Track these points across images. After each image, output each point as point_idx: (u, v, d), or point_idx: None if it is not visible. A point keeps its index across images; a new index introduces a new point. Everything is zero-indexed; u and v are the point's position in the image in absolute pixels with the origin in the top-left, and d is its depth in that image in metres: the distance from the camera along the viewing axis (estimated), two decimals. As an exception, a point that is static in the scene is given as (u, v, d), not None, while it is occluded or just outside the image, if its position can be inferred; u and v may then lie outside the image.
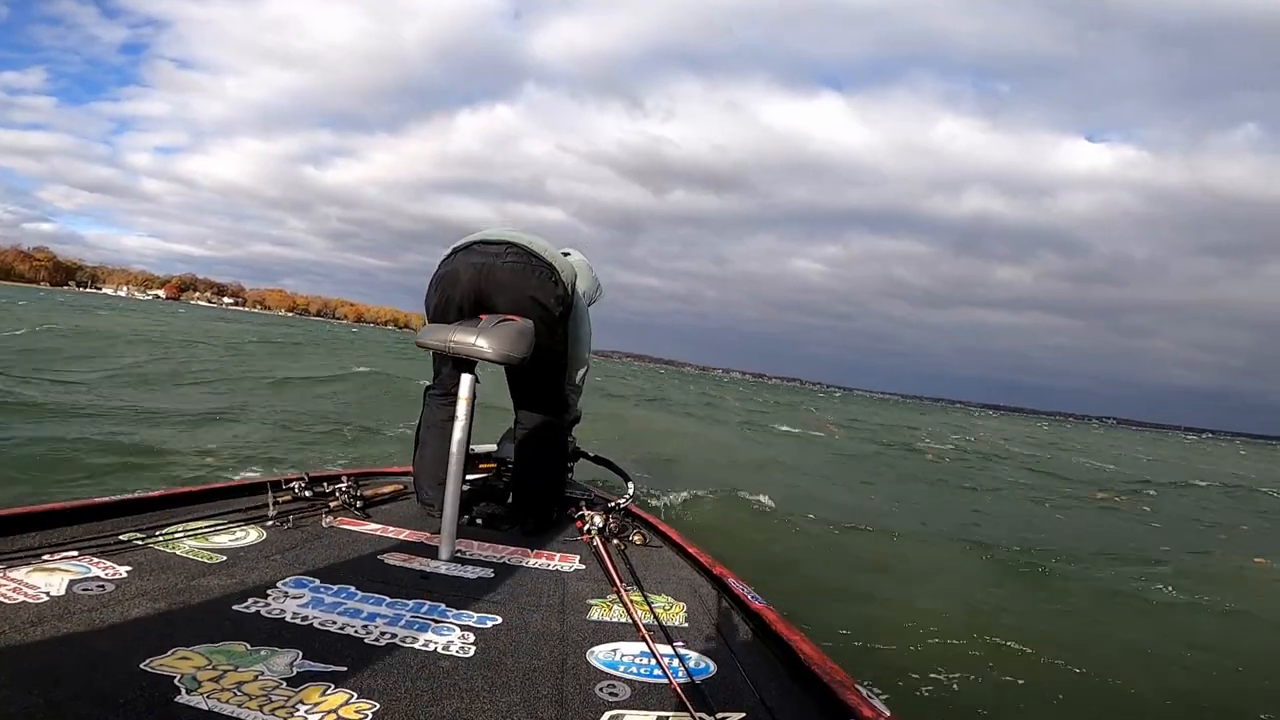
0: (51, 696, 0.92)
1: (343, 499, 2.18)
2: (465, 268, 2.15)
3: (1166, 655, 3.28)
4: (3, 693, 0.92)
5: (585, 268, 2.58)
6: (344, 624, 1.32)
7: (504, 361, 1.89)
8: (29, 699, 0.91)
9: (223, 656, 1.11)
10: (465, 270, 2.15)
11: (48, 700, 0.91)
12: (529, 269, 2.15)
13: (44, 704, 0.90)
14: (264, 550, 1.69)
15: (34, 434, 4.99)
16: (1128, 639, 3.45)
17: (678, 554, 2.10)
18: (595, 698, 1.14)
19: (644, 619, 1.49)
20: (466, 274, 2.14)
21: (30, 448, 4.61)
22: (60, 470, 4.23)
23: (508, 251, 2.16)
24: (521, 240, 2.19)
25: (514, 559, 1.92)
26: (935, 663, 2.85)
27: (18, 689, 0.93)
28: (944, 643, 3.08)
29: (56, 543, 1.48)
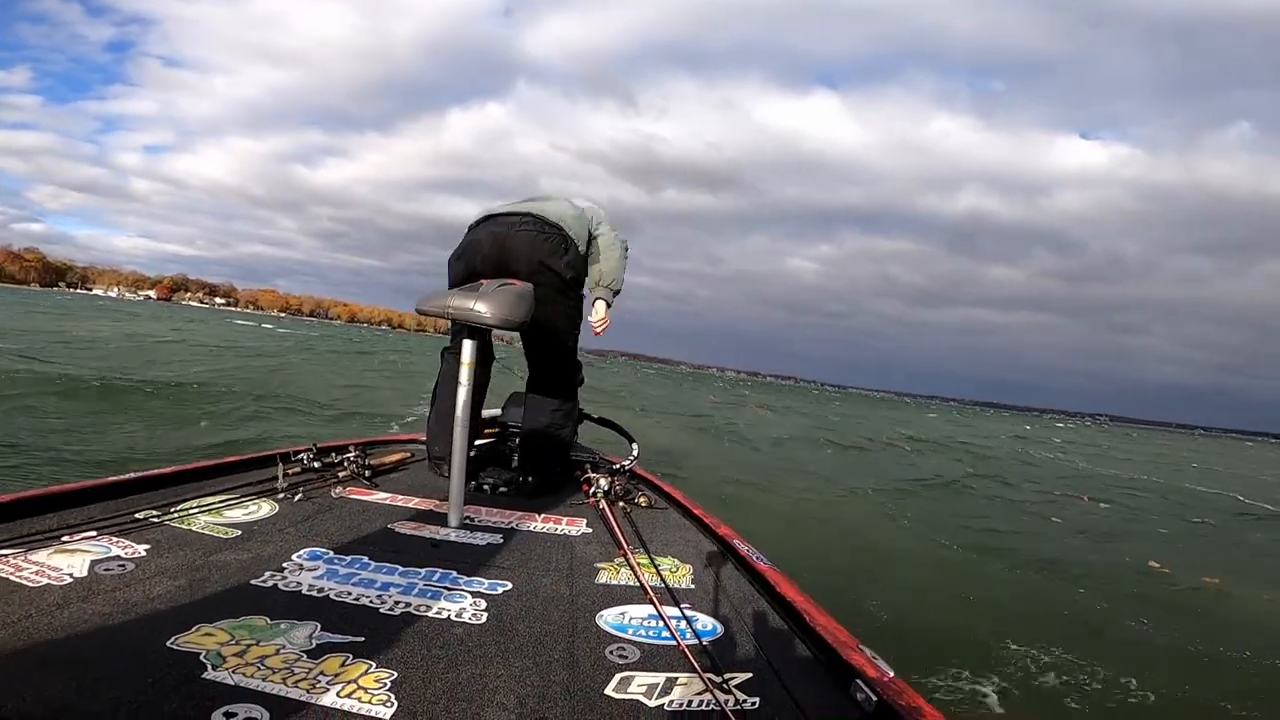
0: (83, 679, 0.94)
1: (351, 469, 2.20)
2: (486, 236, 2.29)
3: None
4: (34, 677, 0.93)
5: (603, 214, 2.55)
6: (359, 594, 1.34)
7: (502, 325, 1.91)
8: (61, 682, 0.93)
9: (245, 631, 1.13)
10: (486, 239, 2.28)
11: (79, 683, 0.93)
12: (541, 236, 2.26)
13: (76, 687, 0.92)
14: (277, 523, 1.71)
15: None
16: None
17: (683, 516, 2.13)
18: (605, 660, 1.17)
19: (651, 582, 1.52)
20: (487, 242, 2.27)
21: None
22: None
23: (522, 221, 2.27)
24: (535, 210, 2.30)
25: (522, 524, 1.95)
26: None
27: (49, 673, 0.95)
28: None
29: (74, 524, 1.49)
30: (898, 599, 3.71)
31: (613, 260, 2.39)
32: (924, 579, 4.28)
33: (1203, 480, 14.04)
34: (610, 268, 2.38)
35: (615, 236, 2.43)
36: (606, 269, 2.38)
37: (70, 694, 0.90)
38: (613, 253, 2.39)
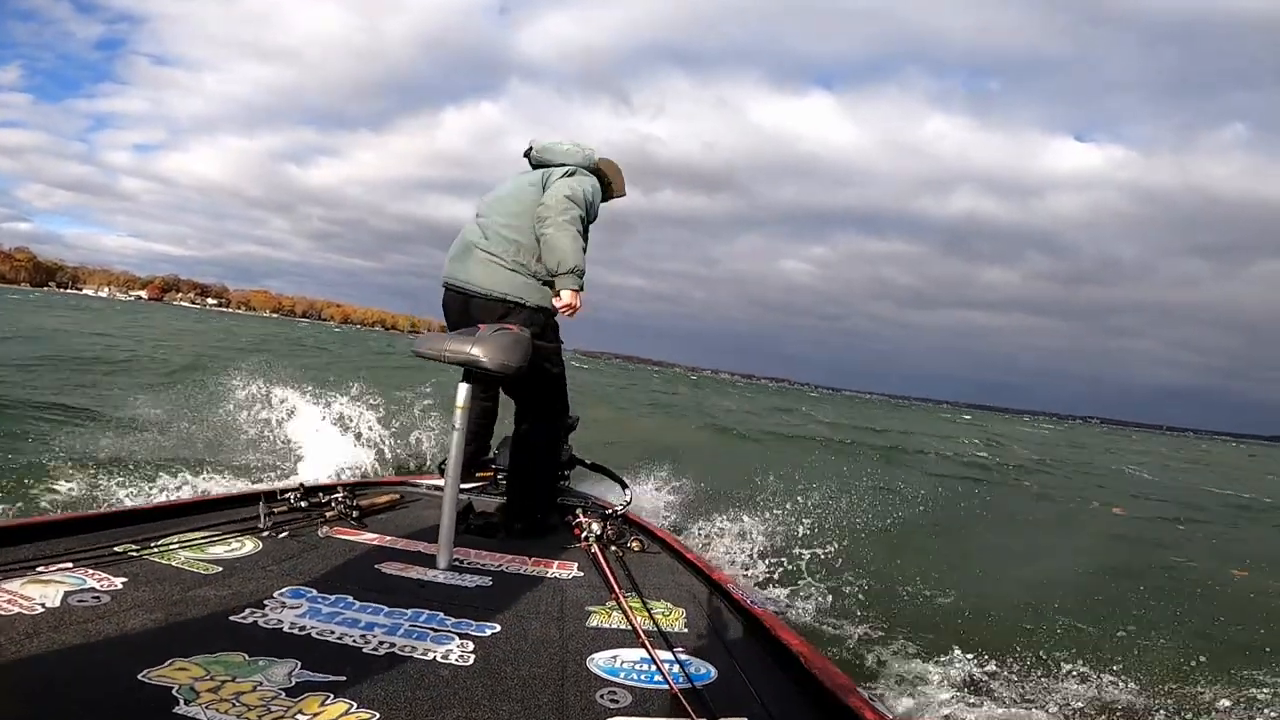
0: (49, 709, 0.91)
1: (339, 509, 2.17)
2: (452, 299, 2.39)
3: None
4: (1, 705, 0.91)
5: (565, 193, 2.32)
6: (342, 634, 1.32)
7: (500, 371, 1.90)
8: (27, 711, 0.90)
9: (221, 667, 1.11)
10: (454, 302, 2.39)
11: (46, 713, 0.90)
12: (500, 312, 2.27)
13: (42, 717, 0.89)
14: (260, 561, 1.69)
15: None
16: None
17: (675, 560, 2.11)
18: (596, 704, 1.14)
19: (643, 625, 1.50)
20: (455, 306, 2.38)
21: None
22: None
23: (468, 300, 2.32)
24: (474, 286, 2.31)
25: (512, 567, 1.93)
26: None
27: (15, 702, 0.93)
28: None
29: (50, 554, 1.47)
30: None
31: (549, 240, 2.22)
32: None
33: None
34: (549, 250, 2.23)
35: (558, 204, 2.23)
36: (546, 254, 2.24)
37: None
38: (558, 240, 2.21)
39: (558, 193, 2.26)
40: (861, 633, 3.12)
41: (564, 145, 2.50)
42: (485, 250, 2.30)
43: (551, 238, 2.22)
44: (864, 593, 3.20)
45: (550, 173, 2.38)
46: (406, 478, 2.90)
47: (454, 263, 2.36)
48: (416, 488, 2.67)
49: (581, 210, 2.28)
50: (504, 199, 2.39)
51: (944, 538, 5.38)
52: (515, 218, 2.31)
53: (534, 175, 2.43)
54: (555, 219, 2.22)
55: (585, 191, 2.33)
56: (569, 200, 2.25)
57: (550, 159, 2.48)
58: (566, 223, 2.22)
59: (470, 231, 2.38)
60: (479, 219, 2.40)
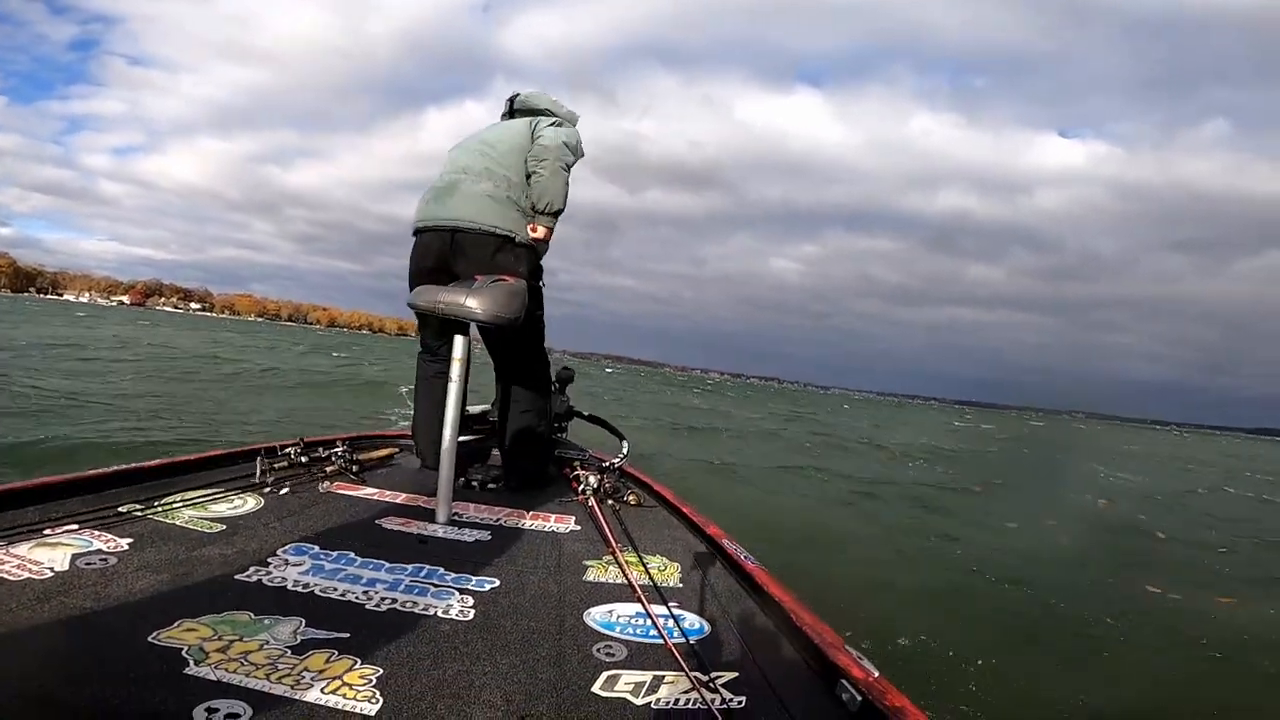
0: (64, 673, 0.93)
1: (338, 464, 2.18)
2: (432, 240, 2.28)
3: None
4: (15, 671, 0.92)
5: (562, 139, 2.37)
6: (345, 590, 1.33)
7: (494, 323, 1.89)
8: (42, 676, 0.92)
9: (228, 626, 1.12)
10: (434, 243, 2.28)
11: (61, 677, 0.92)
12: (493, 247, 2.23)
13: (57, 681, 0.91)
14: (262, 518, 1.69)
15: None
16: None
17: (672, 514, 2.13)
18: (593, 658, 1.17)
19: (639, 580, 1.52)
20: (436, 246, 2.27)
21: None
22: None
23: (455, 234, 2.24)
24: (462, 220, 2.24)
25: (510, 521, 1.94)
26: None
27: (30, 666, 0.94)
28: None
29: (56, 516, 1.47)
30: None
31: (543, 181, 2.27)
32: None
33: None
34: (542, 190, 2.27)
35: (557, 148, 2.29)
36: (537, 191, 2.28)
37: (51, 688, 0.90)
38: (553, 182, 2.27)
39: (556, 138, 2.31)
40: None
41: (550, 96, 2.56)
42: (474, 186, 2.28)
43: (547, 179, 2.27)
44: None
45: (537, 120, 2.41)
46: (405, 431, 2.87)
47: (434, 204, 2.32)
48: (415, 441, 2.67)
49: (574, 158, 2.35)
50: (490, 140, 2.39)
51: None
52: (504, 156, 2.32)
53: (519, 121, 2.44)
54: (552, 163, 2.27)
55: (578, 142, 2.40)
56: (565, 147, 2.31)
57: (535, 106, 2.52)
58: (561, 168, 2.29)
59: (452, 172, 2.35)
60: (459, 160, 2.37)
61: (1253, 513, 9.69)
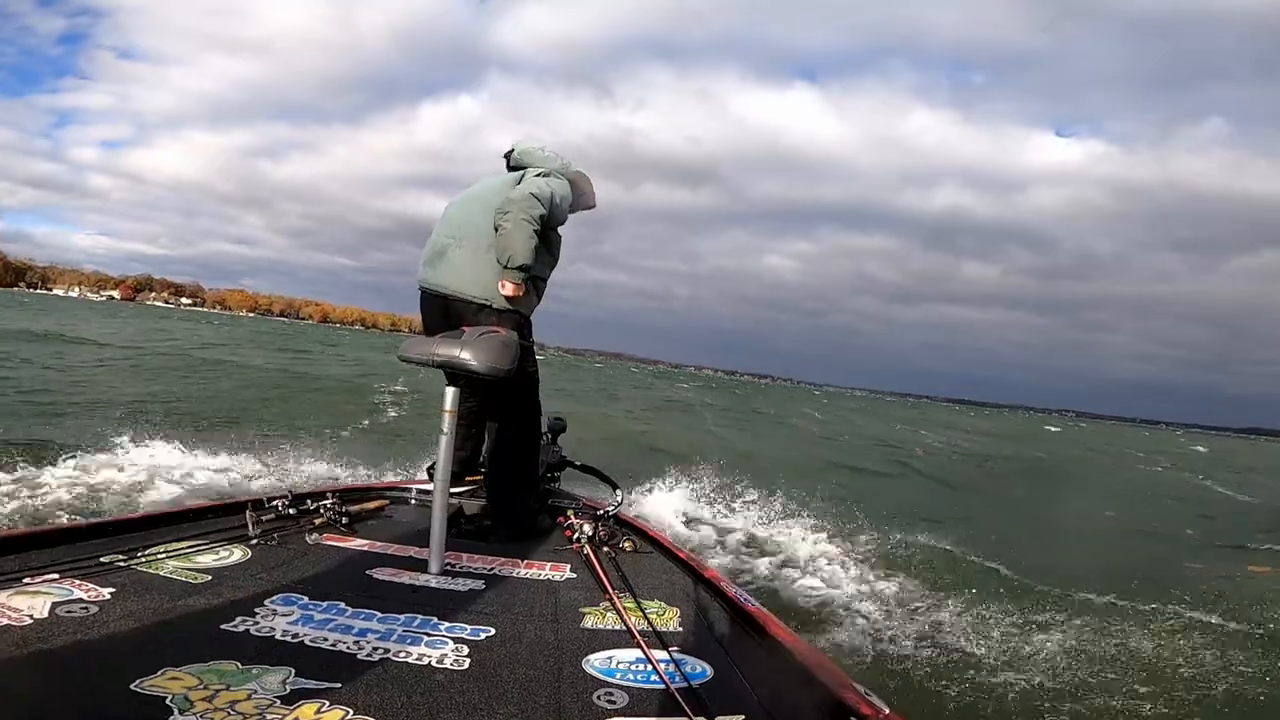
0: (43, 718, 0.90)
1: (328, 515, 2.15)
2: (430, 302, 2.42)
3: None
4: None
5: (532, 190, 2.33)
6: (335, 640, 1.31)
7: (490, 375, 1.89)
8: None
9: (214, 675, 1.10)
10: (432, 305, 2.41)
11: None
12: (473, 312, 2.29)
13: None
14: (249, 569, 1.67)
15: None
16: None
17: (668, 559, 2.12)
18: (593, 706, 1.15)
19: (638, 625, 1.50)
20: (434, 309, 2.40)
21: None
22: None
23: (448, 302, 2.34)
24: (448, 289, 2.33)
25: (504, 570, 1.92)
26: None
27: (8, 713, 0.92)
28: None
29: (36, 566, 1.45)
30: None
31: (504, 236, 2.24)
32: None
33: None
34: (503, 246, 2.24)
35: (522, 199, 2.25)
36: (500, 247, 2.25)
37: None
38: (512, 236, 2.23)
39: (524, 189, 2.29)
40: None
41: (544, 151, 2.52)
42: (457, 252, 2.33)
43: (507, 233, 2.24)
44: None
45: (525, 173, 2.41)
46: (395, 483, 2.88)
47: (428, 267, 2.39)
48: (406, 493, 2.65)
49: (544, 210, 2.28)
50: (475, 199, 2.42)
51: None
52: (485, 215, 2.32)
53: (509, 176, 2.46)
54: (515, 215, 2.23)
55: (554, 192, 2.34)
56: (533, 198, 2.26)
57: (528, 162, 2.50)
58: (524, 221, 2.23)
59: (442, 233, 2.40)
60: (450, 220, 2.42)
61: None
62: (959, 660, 3.01)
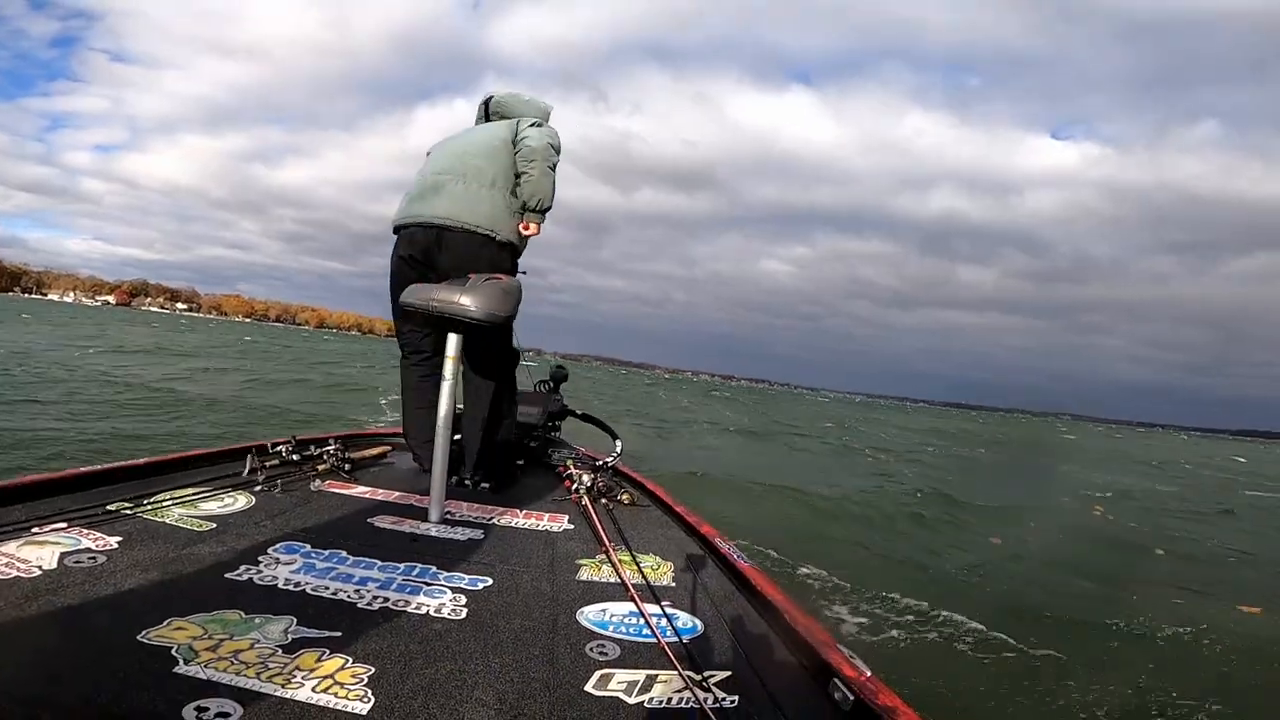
0: (53, 671, 0.92)
1: (330, 462, 2.17)
2: (418, 236, 2.31)
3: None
4: (3, 669, 0.92)
5: (547, 140, 2.43)
6: (336, 589, 1.32)
7: (489, 321, 1.89)
8: (31, 675, 0.91)
9: (218, 625, 1.11)
10: (419, 239, 2.30)
11: (49, 675, 0.91)
12: (476, 244, 2.27)
13: (45, 679, 0.90)
14: (253, 516, 1.68)
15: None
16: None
17: (665, 514, 2.14)
18: (586, 657, 1.17)
19: (632, 579, 1.52)
20: (421, 242, 2.30)
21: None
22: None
23: (442, 233, 2.28)
24: (463, 221, 2.28)
25: (503, 520, 1.94)
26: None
27: (19, 665, 0.93)
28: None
29: (44, 515, 1.46)
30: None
31: (534, 181, 2.34)
32: None
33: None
34: (534, 189, 2.34)
35: (543, 148, 2.36)
36: (528, 191, 2.34)
37: (40, 686, 0.89)
38: (543, 182, 2.34)
39: (542, 138, 2.38)
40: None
41: (524, 96, 2.62)
42: (457, 186, 2.34)
43: (538, 179, 2.34)
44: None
45: (518, 121, 2.48)
46: (397, 429, 2.84)
47: (418, 202, 2.36)
48: (409, 444, 2.65)
49: (558, 157, 2.43)
50: (472, 142, 2.45)
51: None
52: (485, 157, 2.37)
53: (501, 123, 2.50)
54: (540, 163, 2.35)
55: (558, 141, 2.47)
56: (551, 148, 2.39)
57: (511, 108, 2.58)
58: (550, 168, 2.37)
59: (435, 172, 2.39)
60: (444, 160, 2.42)
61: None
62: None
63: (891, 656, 3.15)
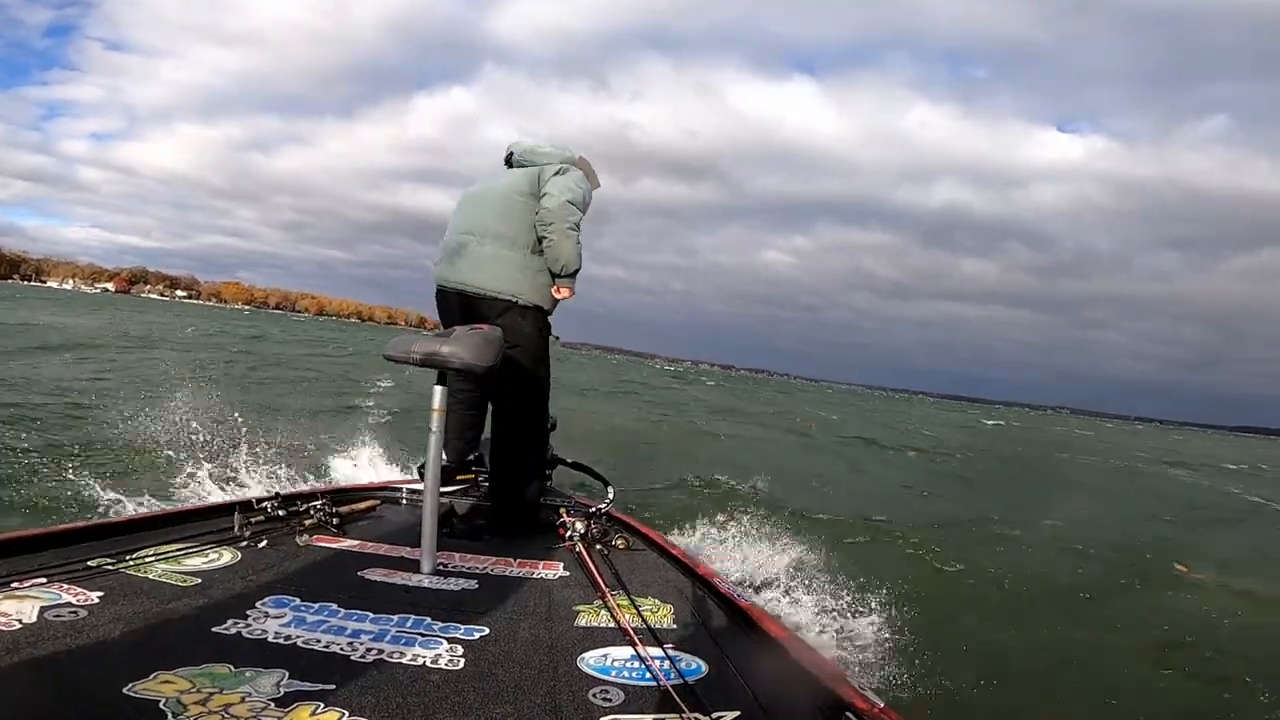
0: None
1: (317, 516, 2.14)
2: (451, 300, 2.40)
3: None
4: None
5: (566, 198, 2.36)
6: (329, 642, 1.30)
7: (470, 370, 1.89)
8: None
9: (206, 679, 1.09)
10: (453, 303, 2.39)
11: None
12: (499, 309, 2.30)
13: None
14: (239, 571, 1.66)
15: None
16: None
17: (661, 556, 2.12)
18: (589, 704, 1.15)
19: (632, 623, 1.50)
20: (455, 307, 2.38)
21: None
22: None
23: (470, 300, 2.33)
24: (471, 286, 2.33)
25: (497, 569, 1.92)
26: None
27: (1, 716, 0.91)
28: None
29: (24, 570, 1.43)
30: None
31: (555, 247, 2.32)
32: None
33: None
34: (556, 255, 2.33)
35: (560, 208, 2.30)
36: (551, 257, 2.33)
37: None
38: (563, 246, 2.32)
39: (560, 197, 2.32)
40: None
41: (546, 147, 2.55)
42: (480, 248, 2.34)
43: (557, 244, 2.32)
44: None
45: (541, 171, 2.42)
46: (386, 482, 2.86)
47: (445, 265, 2.40)
48: (396, 492, 2.64)
49: (581, 213, 2.38)
50: (493, 198, 2.42)
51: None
52: (508, 212, 2.35)
53: (522, 174, 2.46)
54: (559, 225, 2.31)
55: (583, 192, 2.42)
56: (571, 205, 2.34)
57: (534, 160, 2.51)
58: (569, 229, 2.33)
59: (459, 231, 2.41)
60: (465, 218, 2.42)
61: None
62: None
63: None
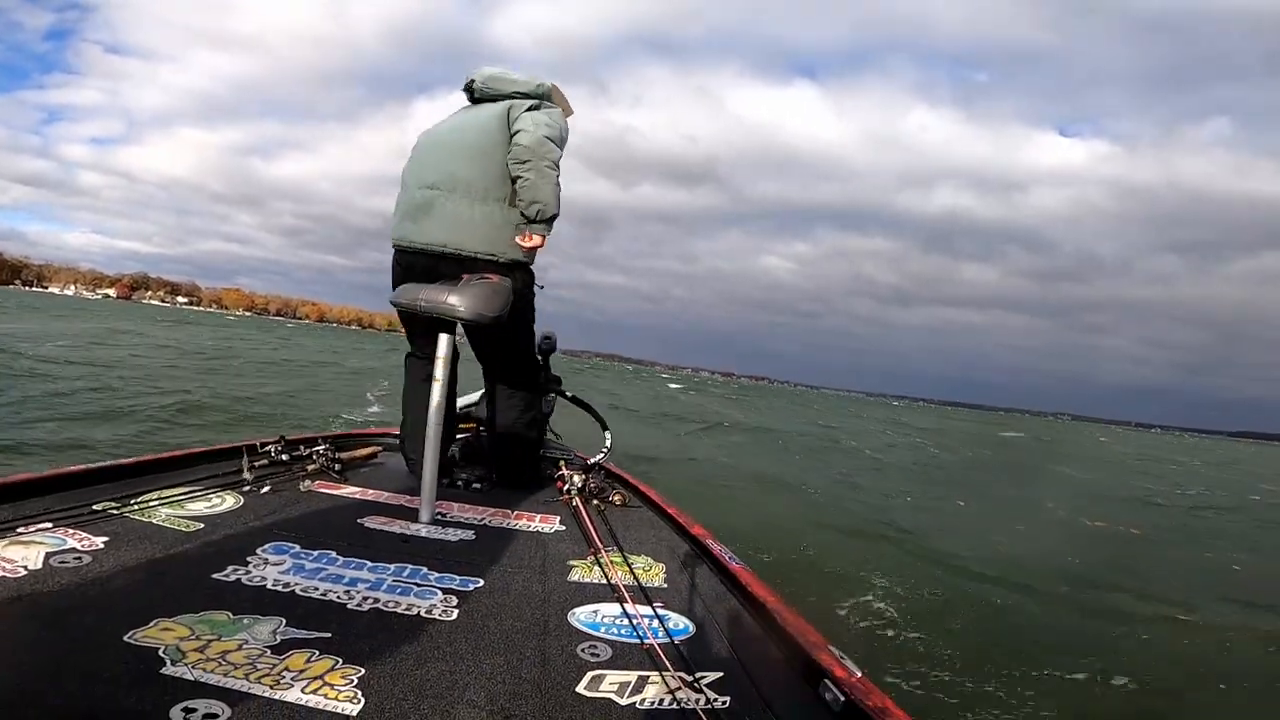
0: (38, 671, 0.92)
1: (320, 462, 2.16)
2: (414, 261, 2.13)
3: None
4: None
5: (543, 133, 2.09)
6: (326, 590, 1.32)
7: (477, 320, 1.87)
8: (15, 674, 0.91)
9: (205, 626, 1.11)
10: (415, 264, 2.13)
11: (34, 675, 0.91)
12: (477, 270, 2.07)
13: (31, 679, 0.90)
14: (241, 516, 1.68)
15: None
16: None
17: (657, 514, 2.14)
18: (577, 658, 1.17)
19: (623, 580, 1.52)
20: (419, 267, 2.12)
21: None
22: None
23: (438, 260, 2.10)
24: (459, 248, 2.08)
25: (494, 520, 1.94)
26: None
27: (3, 664, 0.93)
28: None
29: (29, 515, 1.45)
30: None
31: (531, 186, 2.03)
32: None
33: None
34: (532, 197, 2.04)
35: (537, 144, 2.03)
36: (526, 198, 2.04)
37: (25, 686, 0.89)
38: (541, 188, 2.04)
39: (535, 132, 2.06)
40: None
41: (513, 74, 2.25)
42: (448, 204, 2.09)
43: (534, 184, 2.04)
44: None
45: (512, 105, 2.15)
46: (388, 429, 2.85)
47: (409, 223, 2.13)
48: (398, 440, 2.65)
49: (560, 151, 2.12)
50: (460, 144, 2.15)
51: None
52: (475, 164, 2.10)
53: (490, 113, 2.17)
54: (537, 164, 2.05)
55: (561, 127, 2.16)
56: (548, 141, 2.07)
57: (500, 88, 2.23)
58: (548, 168, 2.06)
59: (421, 185, 2.14)
60: (427, 170, 2.15)
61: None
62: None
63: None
